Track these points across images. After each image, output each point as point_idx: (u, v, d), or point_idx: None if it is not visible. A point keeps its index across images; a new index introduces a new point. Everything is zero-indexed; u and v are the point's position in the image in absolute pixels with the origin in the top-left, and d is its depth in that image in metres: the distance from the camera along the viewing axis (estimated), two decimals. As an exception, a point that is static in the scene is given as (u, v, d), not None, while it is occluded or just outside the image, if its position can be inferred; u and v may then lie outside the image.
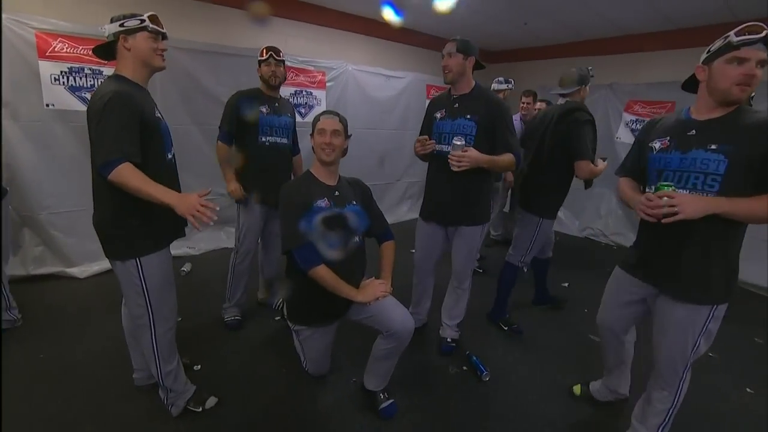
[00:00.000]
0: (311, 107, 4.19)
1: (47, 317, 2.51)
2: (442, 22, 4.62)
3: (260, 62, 2.37)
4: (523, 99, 4.02)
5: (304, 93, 4.11)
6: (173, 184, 1.64)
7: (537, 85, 5.45)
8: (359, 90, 4.48)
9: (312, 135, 1.76)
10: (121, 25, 1.48)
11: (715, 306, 1.39)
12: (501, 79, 3.77)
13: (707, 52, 1.33)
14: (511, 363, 2.31)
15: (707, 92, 1.35)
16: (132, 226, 1.49)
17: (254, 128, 2.33)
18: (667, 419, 1.58)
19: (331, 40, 4.37)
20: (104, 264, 3.09)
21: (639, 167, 1.58)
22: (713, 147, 1.31)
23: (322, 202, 1.71)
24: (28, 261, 2.96)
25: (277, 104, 2.42)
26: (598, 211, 4.86)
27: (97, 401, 1.83)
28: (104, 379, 1.96)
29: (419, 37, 5.04)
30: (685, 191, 1.34)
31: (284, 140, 2.46)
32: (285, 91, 3.95)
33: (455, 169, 1.92)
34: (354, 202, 1.82)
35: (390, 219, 4.91)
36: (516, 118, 4.09)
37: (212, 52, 3.48)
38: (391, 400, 1.87)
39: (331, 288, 1.69)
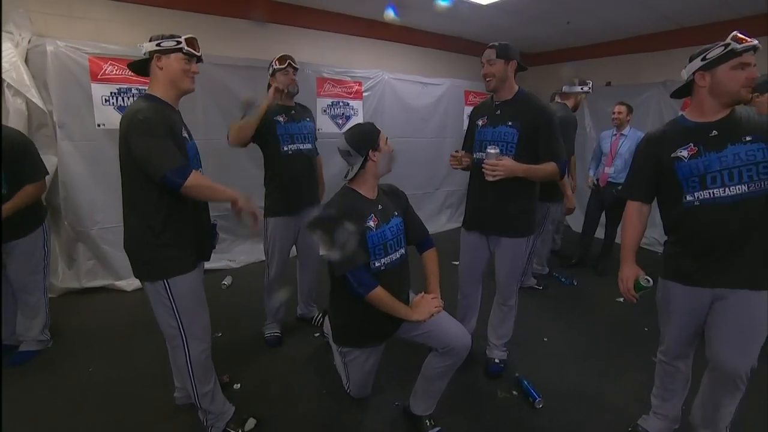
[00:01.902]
0: (348, 117, 4.17)
1: (97, 330, 2.58)
2: (479, 26, 4.51)
3: (276, 71, 2.30)
4: (557, 100, 3.79)
5: (341, 104, 4.10)
6: (199, 205, 1.64)
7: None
8: (396, 98, 4.42)
9: (377, 149, 1.65)
10: (158, 45, 1.50)
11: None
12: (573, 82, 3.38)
13: (703, 60, 1.38)
14: (566, 388, 2.12)
15: (710, 96, 1.40)
16: (159, 246, 1.47)
17: (274, 139, 2.28)
18: None
19: (366, 50, 4.36)
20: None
21: (655, 186, 1.55)
22: (749, 138, 1.36)
23: (371, 221, 1.64)
24: (81, 274, 3.09)
25: (293, 111, 2.37)
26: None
27: (138, 419, 1.83)
28: (147, 396, 1.97)
29: (456, 43, 4.94)
30: (742, 186, 1.36)
31: (308, 146, 2.39)
32: (322, 102, 3.98)
33: (489, 178, 1.82)
34: (396, 213, 1.75)
35: (429, 229, 4.80)
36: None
37: (249, 66, 3.52)
38: (438, 428, 1.75)
39: (388, 309, 1.61)
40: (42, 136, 2.86)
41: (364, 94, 4.22)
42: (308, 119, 2.45)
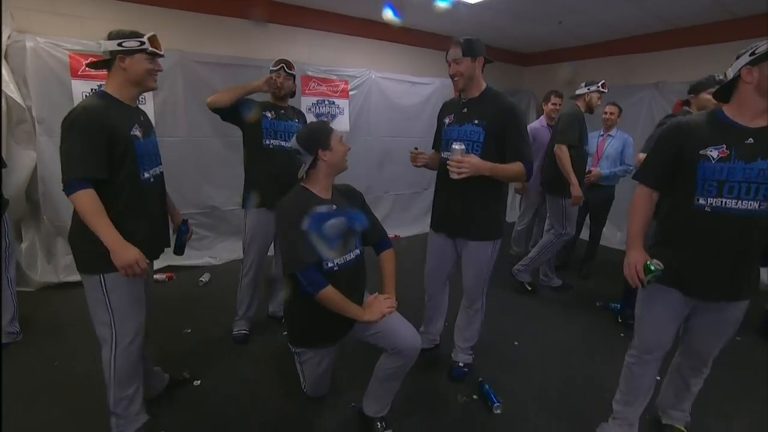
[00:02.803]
0: (334, 116, 4.15)
1: (69, 325, 2.58)
2: (469, 24, 4.45)
3: (271, 72, 2.36)
4: (553, 99, 3.75)
5: (326, 102, 4.09)
6: (150, 205, 1.61)
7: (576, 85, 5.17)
8: (383, 97, 4.40)
9: (327, 148, 1.63)
10: (120, 45, 1.48)
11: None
12: (582, 83, 3.24)
13: (751, 55, 1.30)
14: (529, 394, 2.09)
15: (756, 94, 1.31)
16: (97, 241, 1.43)
17: (257, 131, 2.30)
18: None
19: (354, 48, 4.33)
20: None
21: (671, 176, 1.46)
22: None
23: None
24: (59, 269, 3.11)
25: (283, 111, 2.39)
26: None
27: (93, 413, 1.80)
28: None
29: (447, 42, 4.88)
30: (754, 203, 1.32)
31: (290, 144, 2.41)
32: (307, 101, 3.97)
33: (454, 176, 1.75)
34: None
35: (416, 230, 4.78)
36: (539, 124, 3.82)
37: (233, 64, 3.53)
38: (389, 431, 1.73)
39: (338, 309, 1.59)
40: (21, 131, 2.88)
41: (351, 92, 4.20)
42: (297, 121, 2.46)
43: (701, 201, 1.38)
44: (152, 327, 1.84)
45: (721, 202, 1.35)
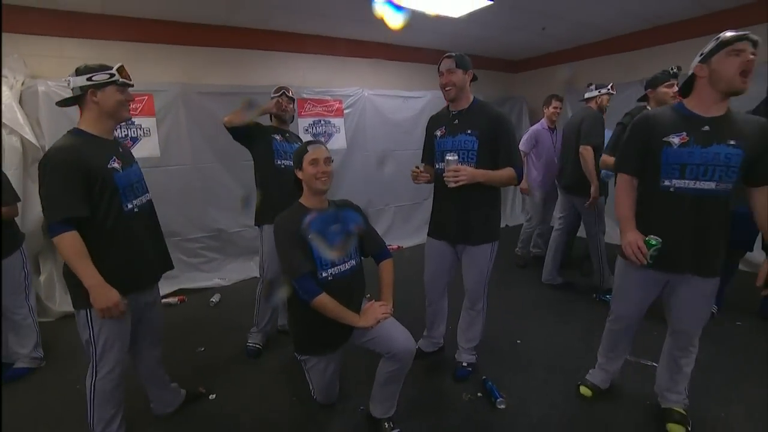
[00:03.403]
0: (330, 135, 4.30)
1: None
2: (456, 37, 4.62)
3: (272, 98, 2.55)
4: (554, 103, 3.86)
5: (322, 122, 4.24)
6: (138, 234, 1.62)
7: (568, 88, 5.29)
8: (377, 114, 4.54)
9: (300, 168, 1.76)
10: (89, 79, 1.50)
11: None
12: (592, 86, 3.36)
13: (701, 55, 1.51)
14: (532, 390, 2.15)
15: (709, 86, 1.49)
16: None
17: (269, 152, 2.44)
18: None
19: (347, 69, 4.52)
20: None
21: (643, 162, 1.64)
22: (732, 143, 1.47)
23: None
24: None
25: (287, 135, 2.58)
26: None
27: None
28: (127, 408, 2.06)
29: (434, 55, 5.02)
30: (711, 183, 1.50)
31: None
32: (303, 122, 4.13)
33: (452, 185, 1.88)
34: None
35: (418, 240, 4.86)
36: (540, 127, 3.92)
37: (232, 93, 3.70)
38: (397, 430, 1.81)
39: (333, 316, 1.69)
40: (36, 170, 3.05)
41: (345, 111, 4.36)
42: (298, 144, 2.60)
43: (666, 183, 1.57)
44: (164, 347, 1.97)
45: (683, 183, 1.54)
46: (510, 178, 1.96)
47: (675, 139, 1.54)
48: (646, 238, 1.57)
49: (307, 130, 4.13)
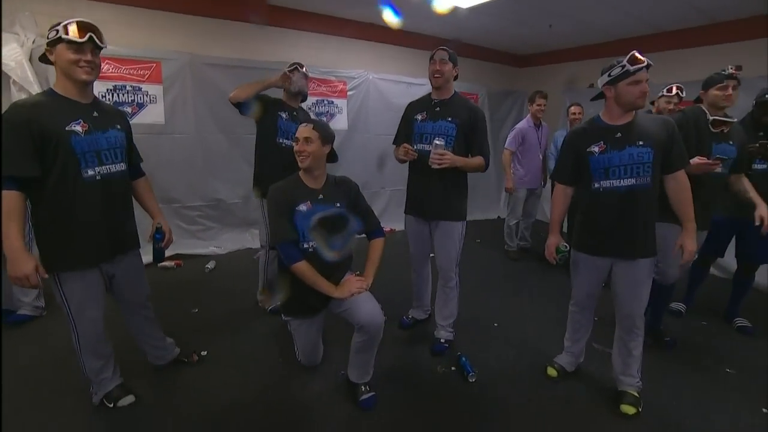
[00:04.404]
0: (333, 116, 4.39)
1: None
2: (462, 28, 4.67)
3: (287, 71, 2.55)
4: (538, 100, 3.94)
5: (325, 102, 4.32)
6: (98, 203, 1.59)
7: (566, 88, 5.36)
8: (381, 98, 4.61)
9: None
10: (47, 36, 1.47)
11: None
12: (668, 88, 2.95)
13: (609, 76, 1.72)
14: (503, 367, 2.31)
15: (616, 104, 1.76)
16: (47, 241, 1.51)
17: (273, 129, 2.51)
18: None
19: (353, 51, 4.57)
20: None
21: (577, 172, 1.91)
22: (641, 143, 1.74)
23: (304, 206, 1.85)
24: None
25: (295, 113, 2.60)
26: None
27: None
28: (122, 360, 2.19)
29: (441, 43, 5.07)
30: (631, 180, 1.76)
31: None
32: (307, 101, 4.16)
33: (435, 166, 2.08)
34: (338, 204, 1.93)
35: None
36: (526, 125, 4.00)
37: (239, 66, 3.77)
38: (371, 393, 1.95)
39: (311, 283, 1.82)
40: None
41: (349, 93, 4.43)
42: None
43: (596, 185, 1.84)
44: (160, 306, 2.13)
45: (609, 183, 1.80)
46: (480, 166, 2.24)
47: (595, 149, 1.81)
48: (558, 245, 2.00)
49: (310, 108, 4.20)
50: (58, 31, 1.46)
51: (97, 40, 1.53)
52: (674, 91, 2.87)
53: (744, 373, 2.29)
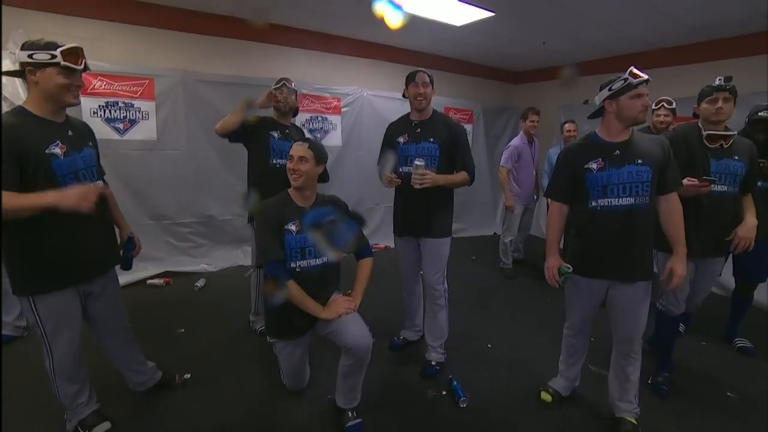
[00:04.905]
0: (327, 132, 4.38)
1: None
2: (456, 44, 4.70)
3: (273, 89, 2.50)
4: (531, 117, 3.96)
5: (319, 119, 4.32)
6: (74, 226, 1.54)
7: (561, 104, 5.38)
8: (375, 114, 4.61)
9: None
10: (30, 56, 1.41)
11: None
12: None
13: (609, 90, 1.68)
14: (496, 392, 2.23)
15: (617, 120, 1.71)
16: (22, 263, 1.48)
17: (265, 150, 2.44)
18: None
19: (347, 67, 4.58)
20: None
21: (573, 190, 1.83)
22: (639, 162, 1.70)
23: (293, 225, 1.81)
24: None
25: (287, 130, 2.55)
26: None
27: None
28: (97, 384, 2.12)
29: (435, 61, 5.13)
30: (630, 199, 1.70)
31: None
32: (301, 117, 4.19)
33: (417, 187, 2.08)
34: None
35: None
36: (520, 141, 3.99)
37: (232, 83, 3.77)
38: (358, 420, 1.88)
39: (297, 303, 1.77)
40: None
41: (343, 109, 4.43)
42: (296, 140, 2.63)
43: (593, 203, 1.77)
44: (144, 326, 2.06)
45: (607, 201, 1.74)
46: (465, 181, 2.24)
47: (593, 166, 1.75)
48: (560, 266, 1.83)
49: (303, 125, 4.19)
50: (54, 56, 1.42)
51: (87, 65, 1.55)
52: (661, 104, 2.80)
53: (745, 398, 2.21)
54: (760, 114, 2.35)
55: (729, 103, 1.99)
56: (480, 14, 3.58)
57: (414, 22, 3.82)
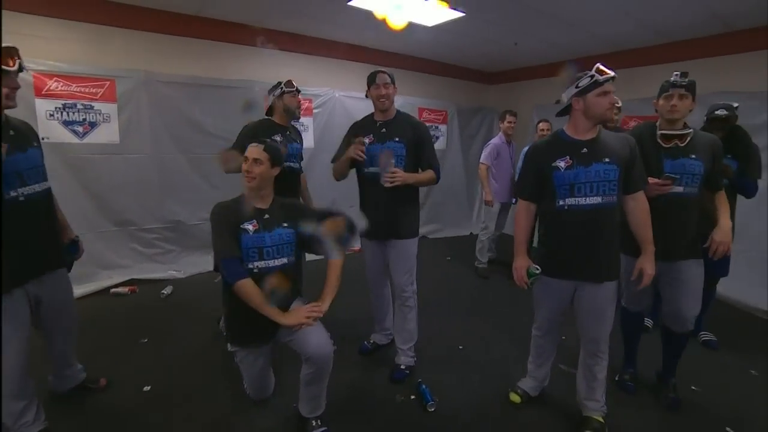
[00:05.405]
0: (298, 133, 4.30)
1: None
2: (429, 45, 4.69)
3: (284, 93, 2.45)
4: (508, 118, 4.02)
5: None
6: (26, 226, 1.57)
7: (535, 104, 5.43)
8: (346, 114, 4.54)
9: None
10: None
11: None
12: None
13: (576, 87, 1.67)
14: (465, 395, 2.20)
15: (585, 117, 1.69)
16: None
17: None
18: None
19: (318, 68, 4.52)
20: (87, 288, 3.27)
21: (540, 188, 1.81)
22: (607, 160, 1.67)
23: (249, 225, 1.76)
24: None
25: (288, 132, 2.52)
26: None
27: None
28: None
29: (408, 61, 5.12)
30: (597, 198, 1.68)
31: (296, 164, 2.54)
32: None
33: (388, 185, 2.05)
34: (285, 224, 1.84)
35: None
36: (499, 140, 4.05)
37: (198, 84, 3.67)
38: (323, 429, 1.83)
39: (255, 305, 1.68)
40: None
41: (315, 111, 4.37)
42: (297, 142, 2.61)
43: (561, 202, 1.74)
44: (106, 337, 1.97)
45: (575, 200, 1.71)
46: (431, 179, 2.23)
47: (561, 164, 1.72)
48: (528, 268, 1.81)
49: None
50: None
51: (23, 66, 1.54)
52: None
53: (709, 390, 2.25)
54: (716, 113, 2.38)
55: (685, 100, 1.86)
56: (451, 14, 3.58)
57: (385, 23, 3.80)
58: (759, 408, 2.13)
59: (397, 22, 3.99)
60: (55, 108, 3.16)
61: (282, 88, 2.46)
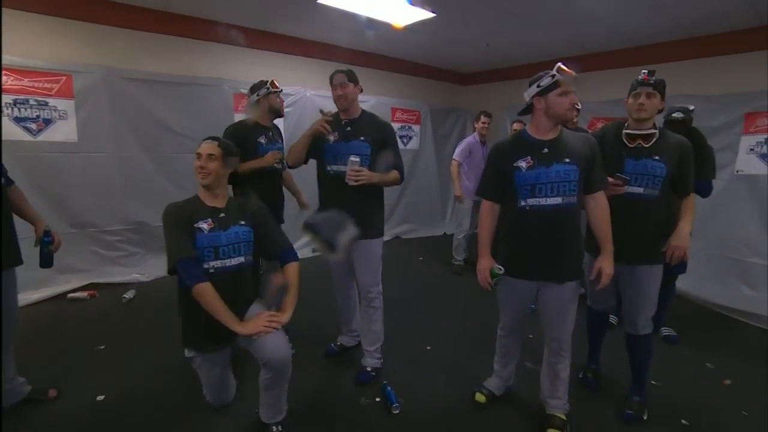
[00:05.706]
0: (280, 134, 4.22)
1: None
2: (402, 45, 4.69)
3: (270, 93, 2.46)
4: (482, 119, 4.08)
5: (260, 119, 4.15)
6: None
7: (507, 105, 5.49)
8: (318, 114, 4.48)
9: None
10: None
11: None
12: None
13: (538, 87, 1.67)
14: (430, 396, 2.20)
15: (546, 117, 1.69)
16: None
17: (257, 156, 2.35)
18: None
19: (289, 67, 4.46)
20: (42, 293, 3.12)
21: (502, 188, 1.81)
22: (567, 161, 1.68)
23: (204, 223, 1.70)
24: None
25: (271, 133, 2.50)
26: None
27: None
28: None
29: (381, 61, 5.11)
30: (558, 198, 1.69)
31: (278, 164, 2.48)
32: (239, 117, 4.02)
33: (353, 184, 2.02)
34: (242, 222, 1.79)
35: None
36: (473, 139, 4.11)
37: (163, 81, 3.56)
38: (283, 434, 1.79)
39: (213, 309, 1.62)
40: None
41: (286, 110, 4.27)
42: (280, 141, 2.60)
43: (522, 203, 1.75)
44: (60, 344, 1.91)
45: (536, 201, 1.72)
46: (396, 179, 2.23)
47: (522, 164, 1.73)
48: (492, 268, 1.82)
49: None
50: None
51: None
52: None
53: (667, 384, 2.31)
54: (673, 115, 2.45)
55: (653, 99, 1.82)
56: (422, 14, 3.58)
57: (358, 22, 3.78)
58: (713, 400, 2.20)
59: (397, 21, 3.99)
60: (5, 103, 3.00)
61: (268, 87, 2.44)
